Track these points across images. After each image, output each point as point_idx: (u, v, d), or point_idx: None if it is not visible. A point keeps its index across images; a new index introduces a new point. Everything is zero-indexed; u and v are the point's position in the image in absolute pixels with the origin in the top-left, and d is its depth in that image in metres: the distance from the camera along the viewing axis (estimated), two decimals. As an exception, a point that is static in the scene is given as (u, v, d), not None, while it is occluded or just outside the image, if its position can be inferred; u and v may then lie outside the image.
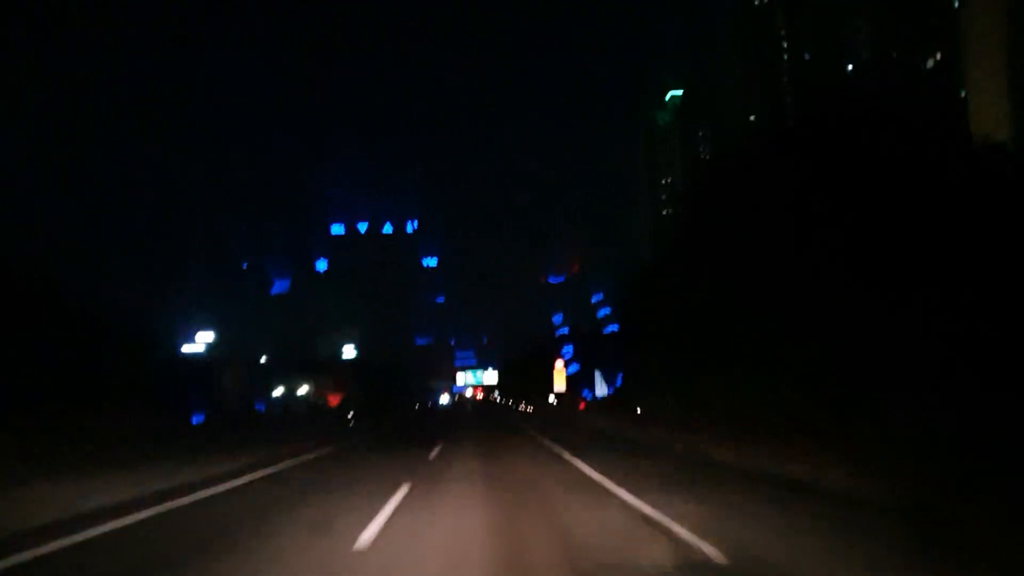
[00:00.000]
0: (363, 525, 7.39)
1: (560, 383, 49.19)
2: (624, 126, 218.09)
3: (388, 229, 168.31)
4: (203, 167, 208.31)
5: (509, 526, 7.65)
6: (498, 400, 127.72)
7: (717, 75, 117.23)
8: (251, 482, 12.12)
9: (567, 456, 15.37)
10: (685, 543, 6.35)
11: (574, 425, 29.87)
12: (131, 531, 7.66)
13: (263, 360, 70.59)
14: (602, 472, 11.90)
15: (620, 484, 10.25)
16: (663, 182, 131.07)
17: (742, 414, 19.16)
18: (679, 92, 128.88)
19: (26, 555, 6.27)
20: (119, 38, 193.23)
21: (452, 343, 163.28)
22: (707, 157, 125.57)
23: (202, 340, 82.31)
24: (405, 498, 9.43)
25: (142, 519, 8.27)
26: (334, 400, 60.89)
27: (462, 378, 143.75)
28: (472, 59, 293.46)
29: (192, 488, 10.74)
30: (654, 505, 8.28)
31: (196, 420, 36.43)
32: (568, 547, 6.46)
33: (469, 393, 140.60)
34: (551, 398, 51.93)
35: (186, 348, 78.42)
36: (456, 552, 6.36)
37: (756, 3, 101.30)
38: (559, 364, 49.56)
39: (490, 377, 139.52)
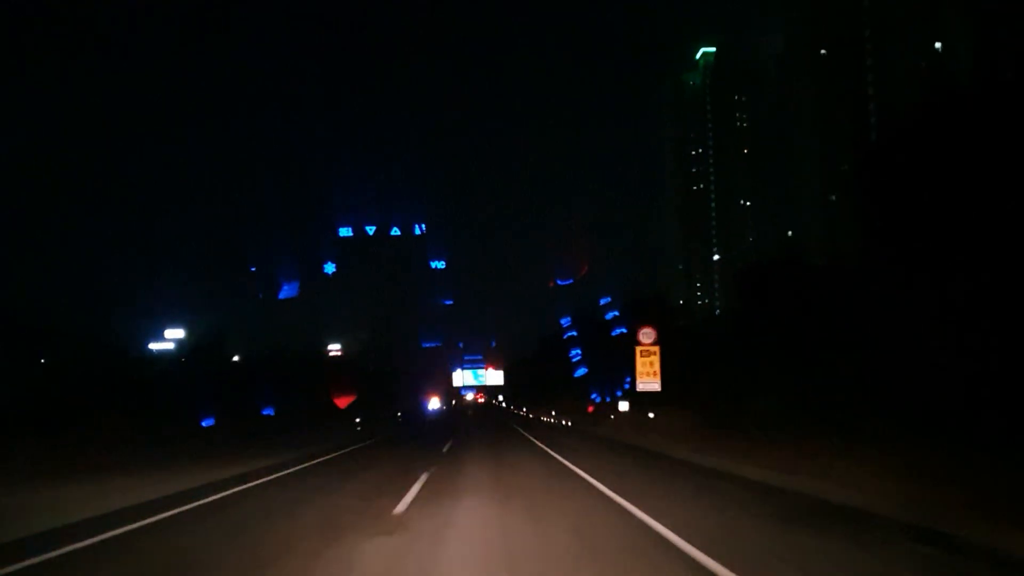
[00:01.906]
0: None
1: (650, 376, 26.06)
2: (642, 103, 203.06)
3: (396, 232, 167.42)
4: (208, 165, 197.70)
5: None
6: (504, 405, 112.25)
7: (760, 23, 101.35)
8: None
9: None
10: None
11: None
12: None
13: (269, 362, 63.82)
14: None
15: None
16: (693, 153, 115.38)
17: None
18: (711, 49, 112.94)
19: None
20: (123, 33, 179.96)
21: (461, 345, 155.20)
22: (745, 125, 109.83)
23: (171, 336, 75.46)
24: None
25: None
26: (342, 402, 58.36)
27: (459, 378, 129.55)
28: (477, 46, 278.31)
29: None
30: None
31: (206, 423, 35.29)
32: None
33: (470, 397, 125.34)
34: (622, 405, 30.94)
35: (158, 346, 70.93)
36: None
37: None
38: (649, 334, 24.55)
39: (494, 377, 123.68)
